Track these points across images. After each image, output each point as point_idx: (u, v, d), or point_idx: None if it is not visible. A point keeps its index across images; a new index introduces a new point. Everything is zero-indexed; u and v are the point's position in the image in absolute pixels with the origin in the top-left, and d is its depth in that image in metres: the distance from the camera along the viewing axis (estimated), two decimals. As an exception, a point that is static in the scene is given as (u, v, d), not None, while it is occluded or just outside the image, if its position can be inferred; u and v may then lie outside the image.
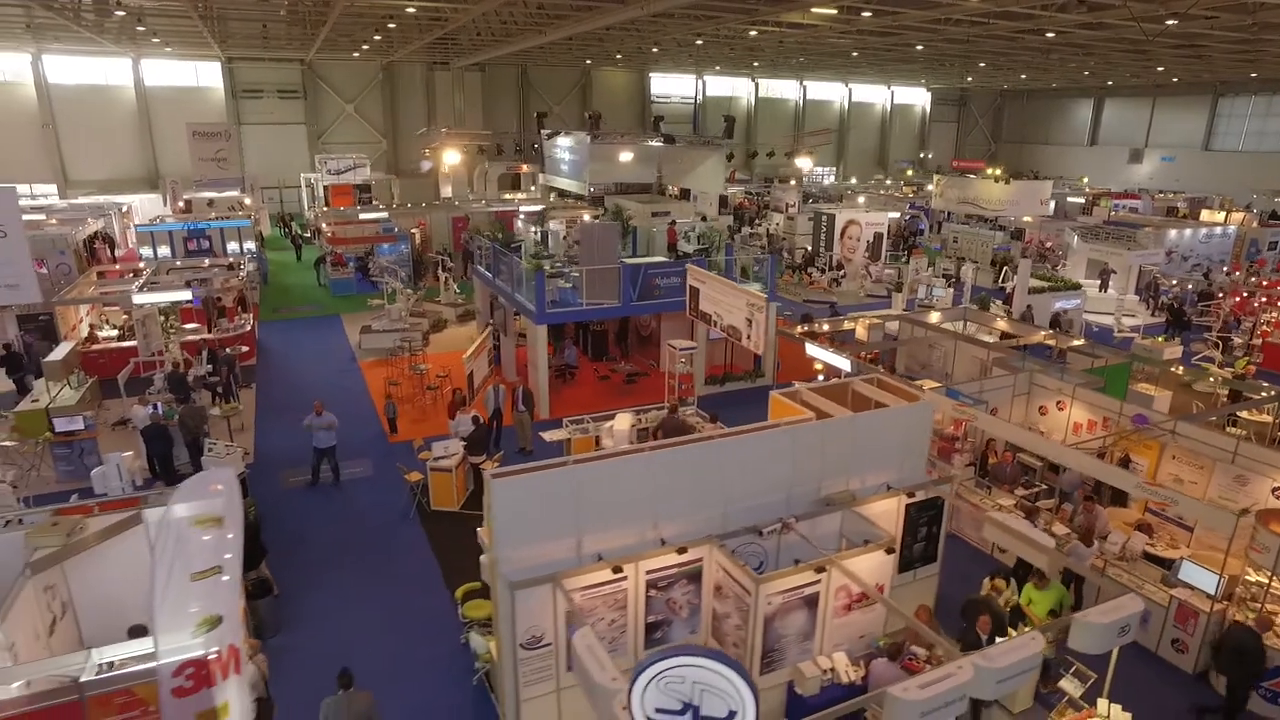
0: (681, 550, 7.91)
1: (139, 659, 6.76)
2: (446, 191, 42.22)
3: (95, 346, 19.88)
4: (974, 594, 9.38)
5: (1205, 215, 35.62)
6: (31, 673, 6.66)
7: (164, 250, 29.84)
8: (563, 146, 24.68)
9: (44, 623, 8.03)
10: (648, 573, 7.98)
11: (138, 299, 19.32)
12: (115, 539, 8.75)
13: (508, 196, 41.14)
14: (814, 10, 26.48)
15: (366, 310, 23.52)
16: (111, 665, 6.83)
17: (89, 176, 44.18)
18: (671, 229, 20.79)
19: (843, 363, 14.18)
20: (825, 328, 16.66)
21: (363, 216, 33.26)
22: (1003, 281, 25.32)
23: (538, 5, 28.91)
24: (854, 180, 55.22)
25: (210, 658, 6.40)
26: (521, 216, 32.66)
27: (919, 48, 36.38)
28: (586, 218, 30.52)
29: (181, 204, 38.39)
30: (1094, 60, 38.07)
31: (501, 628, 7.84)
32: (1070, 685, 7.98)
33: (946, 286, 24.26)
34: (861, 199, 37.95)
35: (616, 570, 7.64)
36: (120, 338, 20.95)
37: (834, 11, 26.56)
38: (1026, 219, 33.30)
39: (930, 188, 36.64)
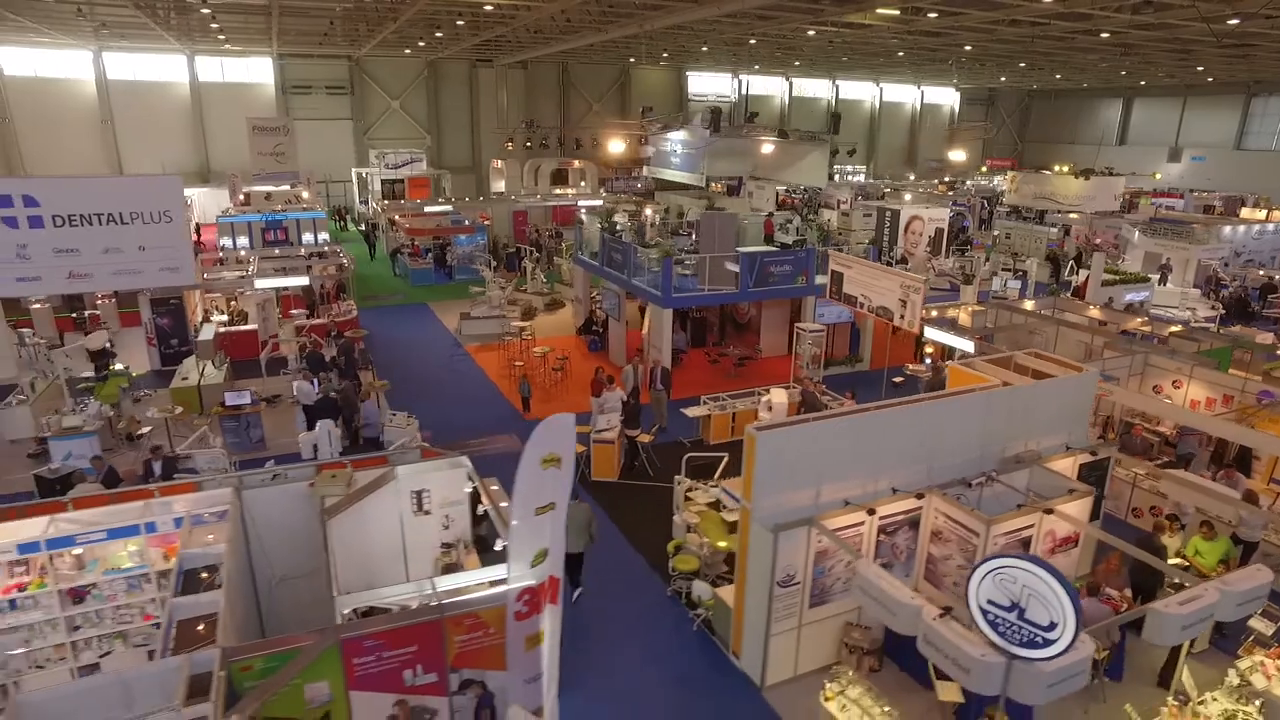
0: (920, 495, 8.79)
1: (473, 588, 7.57)
2: (498, 186, 43.06)
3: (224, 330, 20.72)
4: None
5: (1245, 213, 36.53)
6: (391, 595, 7.53)
7: (242, 241, 30.71)
8: (675, 140, 25.47)
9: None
10: (880, 518, 8.86)
11: (259, 284, 20.18)
12: (373, 494, 9.60)
13: (558, 191, 42.04)
14: (879, 11, 27.37)
15: (463, 299, 24.32)
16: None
17: (144, 170, 44.90)
18: (769, 221, 21.64)
19: (966, 344, 15.05)
20: (934, 314, 17.52)
21: (429, 209, 34.07)
22: (1068, 275, 26.19)
23: (609, 3, 29.74)
24: (888, 178, 56.06)
25: (539, 586, 7.28)
26: (583, 211, 33.56)
27: (967, 48, 37.24)
28: (649, 211, 31.41)
29: (241, 197, 39.24)
30: (1135, 60, 38.93)
31: (754, 569, 8.71)
32: (1260, 624, 8.84)
33: (1015, 278, 25.14)
34: (908, 196, 38.80)
35: (870, 512, 8.51)
36: (230, 323, 21.79)
37: (897, 12, 27.44)
38: (1072, 216, 34.21)
39: (1002, 184, 37.42)
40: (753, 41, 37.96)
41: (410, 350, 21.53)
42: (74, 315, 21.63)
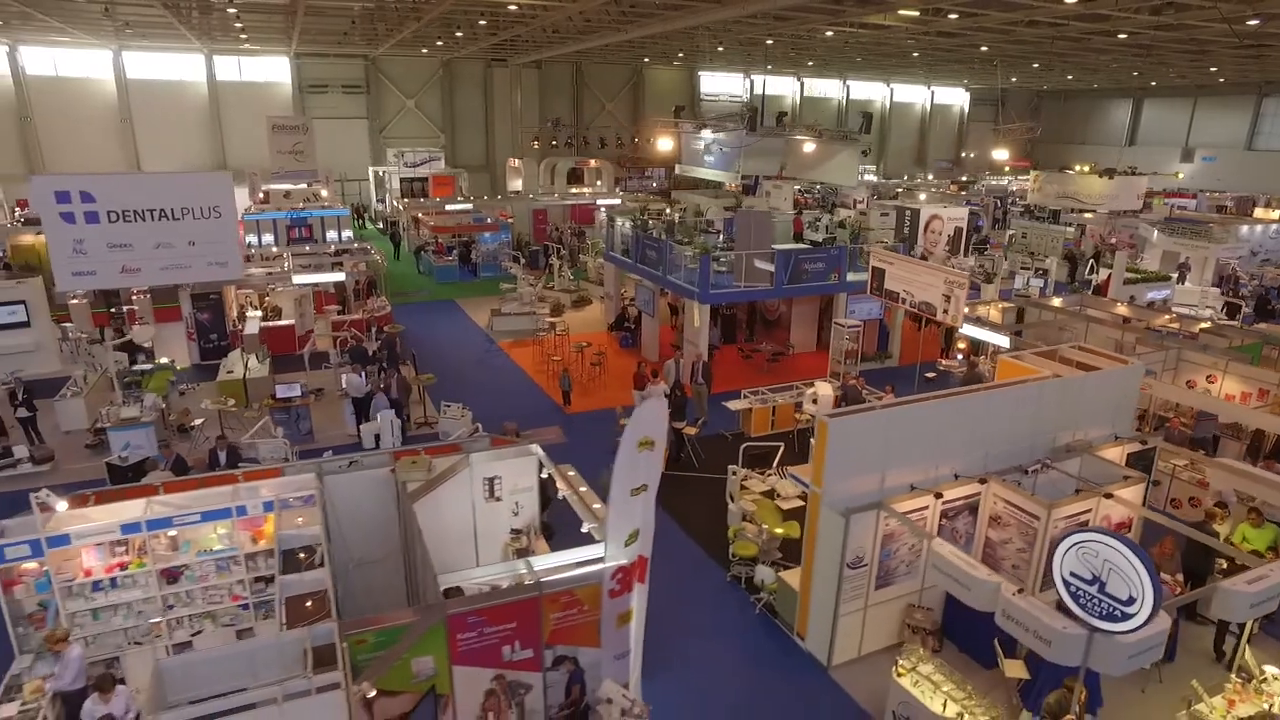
0: (983, 481, 9.09)
1: (568, 567, 7.85)
2: (515, 185, 43.36)
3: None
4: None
5: (1259, 213, 36.80)
6: (488, 574, 7.83)
7: (267, 238, 30.97)
8: (708, 139, 25.77)
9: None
10: (943, 503, 9.16)
11: (297, 279, 20.49)
12: (449, 481, 9.89)
13: (574, 190, 42.33)
14: (900, 12, 27.66)
15: (488, 296, 24.66)
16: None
17: (161, 168, 45.21)
18: (798, 219, 21.94)
19: (1002, 340, 15.34)
20: (967, 310, 17.80)
21: (450, 208, 34.37)
22: (1089, 274, 26.48)
23: (630, 4, 30.03)
24: (905, 178, 56.32)
25: (630, 565, 7.58)
26: (603, 210, 33.86)
27: (983, 48, 37.53)
28: (668, 210, 31.68)
29: (261, 195, 39.53)
30: (1149, 60, 39.19)
31: (822, 552, 9.01)
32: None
33: (1037, 276, 25.43)
34: (923, 196, 39.08)
35: (938, 496, 8.81)
36: (264, 318, 22.08)
37: (917, 13, 27.73)
38: (1086, 216, 34.50)
39: (1028, 182, 37.71)
40: (769, 42, 38.27)
41: (444, 345, 21.82)
42: (111, 310, 21.92)
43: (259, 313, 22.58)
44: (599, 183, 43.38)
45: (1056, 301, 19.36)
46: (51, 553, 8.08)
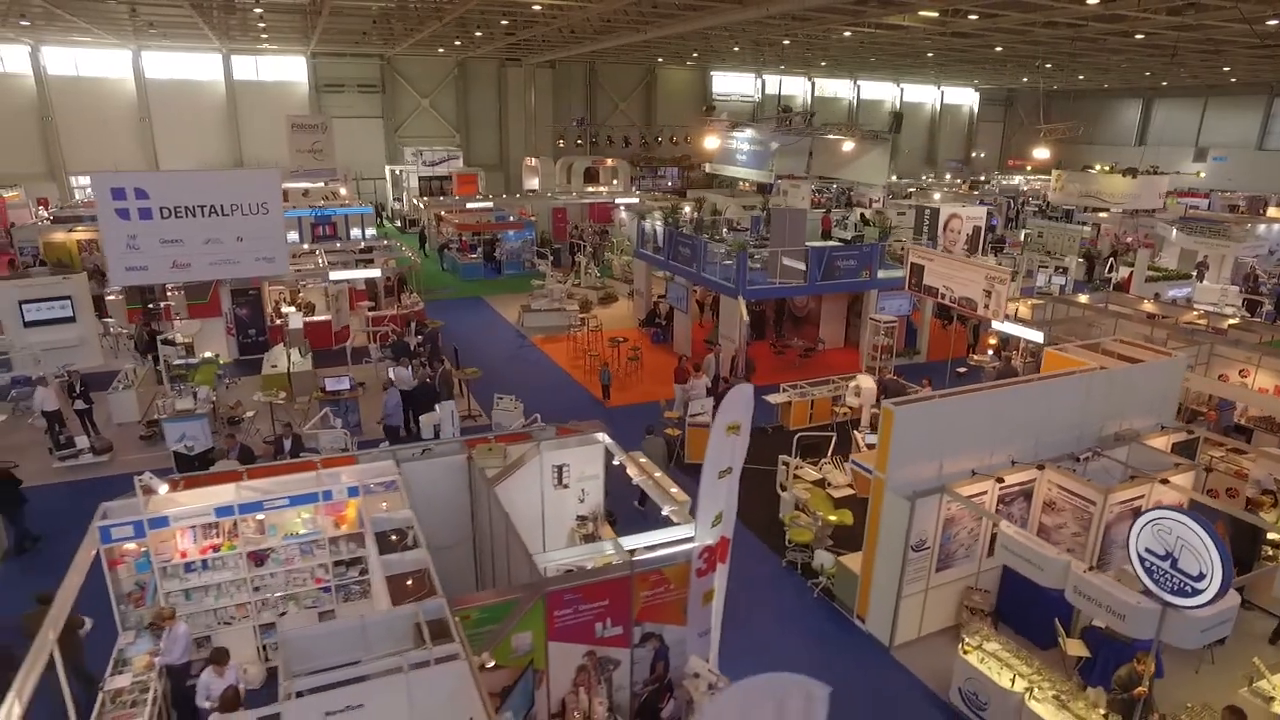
0: (1040, 467, 9.41)
1: (653, 548, 8.16)
2: (531, 184, 43.70)
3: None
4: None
5: (1272, 212, 37.10)
6: (570, 555, 8.14)
7: (292, 235, 31.27)
8: (742, 138, 26.09)
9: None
10: (1000, 488, 9.48)
11: (334, 275, 20.82)
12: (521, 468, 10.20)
13: (590, 189, 42.66)
14: (920, 13, 27.98)
15: (514, 293, 24.98)
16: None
17: (178, 167, 45.55)
18: (826, 218, 22.25)
19: (1036, 335, 15.66)
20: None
21: (471, 205, 34.68)
22: (1109, 273, 26.79)
23: (652, 4, 30.32)
24: (924, 178, 56.63)
25: (715, 545, 7.90)
26: (622, 209, 34.19)
27: (998, 49, 37.83)
28: (687, 209, 31.99)
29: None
30: (1162, 60, 39.48)
31: (885, 536, 9.33)
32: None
33: (1057, 274, 25.75)
34: (937, 195, 39.39)
35: (1000, 480, 9.13)
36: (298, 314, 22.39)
37: (936, 14, 28.06)
38: (1101, 215, 34.80)
39: (1050, 183, 38.02)
40: (786, 42, 38.58)
41: (477, 341, 22.13)
42: (149, 306, 22.25)
43: (293, 309, 22.95)
44: (614, 181, 43.70)
45: (1083, 298, 19.68)
46: (151, 534, 8.41)
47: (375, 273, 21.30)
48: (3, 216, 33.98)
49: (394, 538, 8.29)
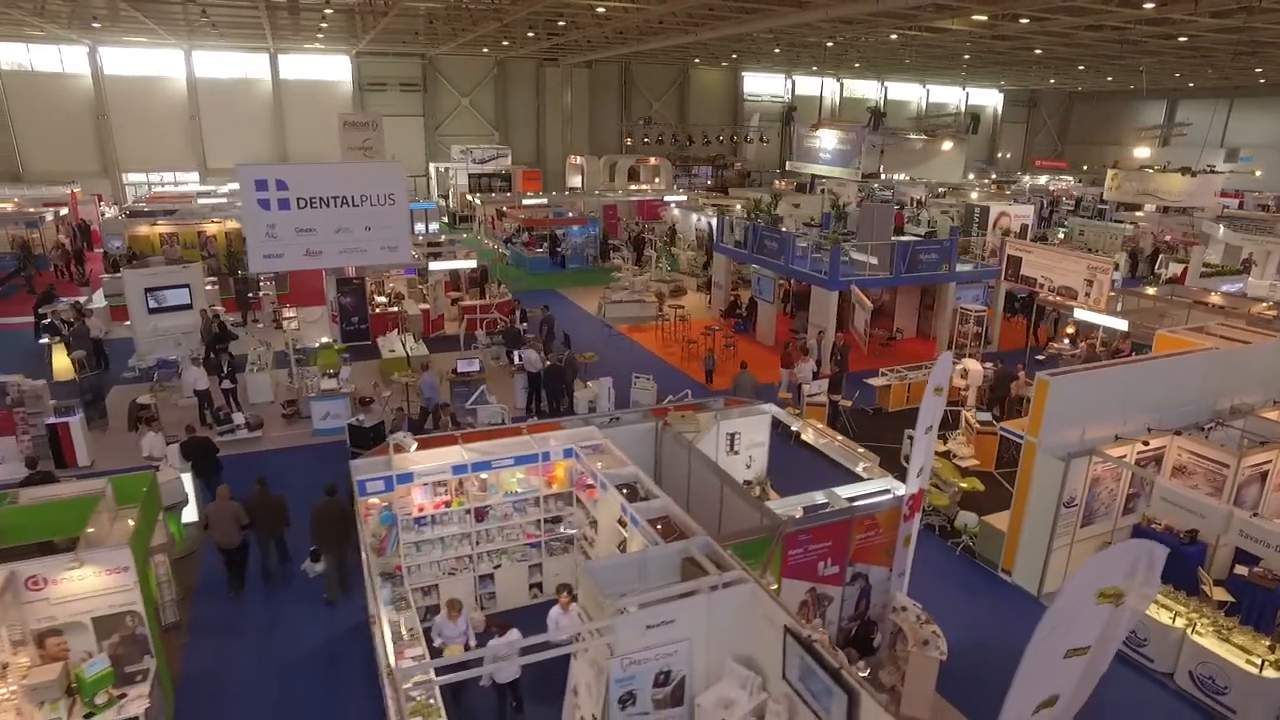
0: (1177, 433, 10.44)
1: (866, 495, 9.17)
2: (574, 182, 44.71)
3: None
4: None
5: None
6: (784, 505, 9.15)
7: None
8: (826, 136, 27.09)
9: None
10: (1138, 453, 10.50)
11: (434, 266, 21.81)
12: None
13: (634, 187, 43.69)
14: (972, 17, 28.95)
15: (582, 285, 25.99)
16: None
17: (225, 165, 46.53)
18: (899, 213, 23.26)
19: (1119, 324, 16.68)
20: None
21: (526, 202, 35.67)
22: (1158, 269, 27.80)
23: (708, 6, 31.23)
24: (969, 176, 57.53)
25: (915, 495, 8.91)
26: (674, 207, 35.20)
27: (1037, 51, 38.79)
28: (738, 208, 32.95)
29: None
30: (1194, 61, 40.40)
31: (1036, 494, 10.36)
32: None
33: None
34: (974, 194, 40.38)
35: (1146, 443, 10.17)
36: (388, 304, 23.36)
37: (985, 17, 29.02)
38: (1142, 212, 35.87)
39: (1107, 181, 39.11)
40: (829, 44, 39.59)
41: (569, 329, 23.04)
42: (250, 296, 23.23)
43: (385, 298, 23.95)
44: (656, 180, 44.71)
45: (1151, 290, 20.69)
46: (398, 489, 9.42)
47: (472, 263, 22.29)
48: (75, 212, 34.99)
49: (624, 491, 9.28)
